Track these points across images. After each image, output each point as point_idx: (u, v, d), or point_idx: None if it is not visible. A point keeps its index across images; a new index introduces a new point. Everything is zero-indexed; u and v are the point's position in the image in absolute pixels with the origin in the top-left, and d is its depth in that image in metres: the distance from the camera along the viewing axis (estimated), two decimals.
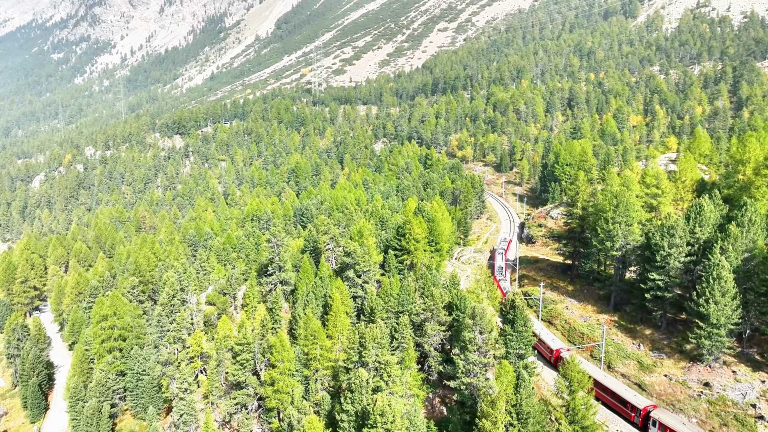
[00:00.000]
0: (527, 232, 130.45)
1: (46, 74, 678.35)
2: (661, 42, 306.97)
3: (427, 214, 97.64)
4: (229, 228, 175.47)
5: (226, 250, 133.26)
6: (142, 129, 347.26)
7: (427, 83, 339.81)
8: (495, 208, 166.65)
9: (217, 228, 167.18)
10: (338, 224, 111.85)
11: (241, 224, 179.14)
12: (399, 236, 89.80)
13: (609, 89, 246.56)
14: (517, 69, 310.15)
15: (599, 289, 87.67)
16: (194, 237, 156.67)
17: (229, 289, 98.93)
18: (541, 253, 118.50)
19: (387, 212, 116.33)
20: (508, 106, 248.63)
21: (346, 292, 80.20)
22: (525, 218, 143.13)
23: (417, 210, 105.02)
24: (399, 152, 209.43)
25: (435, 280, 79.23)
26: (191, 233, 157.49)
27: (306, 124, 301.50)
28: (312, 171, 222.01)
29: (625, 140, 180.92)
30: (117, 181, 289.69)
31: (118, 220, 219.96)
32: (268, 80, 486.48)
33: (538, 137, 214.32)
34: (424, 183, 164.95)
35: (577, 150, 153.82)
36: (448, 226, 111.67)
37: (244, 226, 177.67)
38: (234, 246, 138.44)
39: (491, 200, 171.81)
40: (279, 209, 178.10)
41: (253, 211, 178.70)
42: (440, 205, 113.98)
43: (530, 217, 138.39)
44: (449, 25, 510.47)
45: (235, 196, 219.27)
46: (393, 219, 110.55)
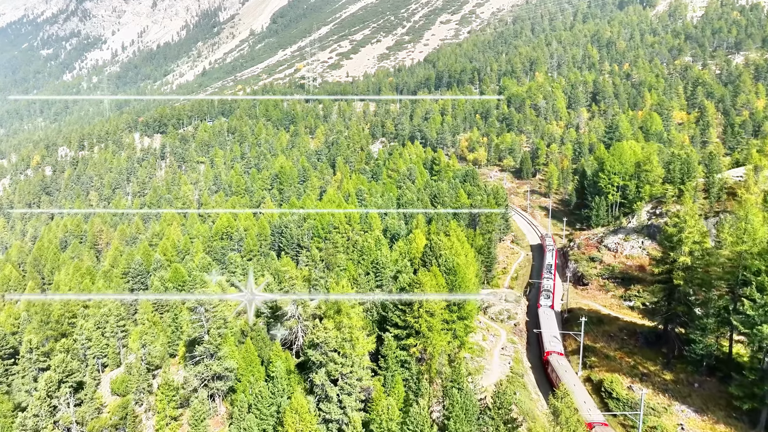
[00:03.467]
0: (574, 266, 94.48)
1: (34, 71, 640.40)
2: (690, 30, 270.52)
3: (446, 261, 61.73)
4: (193, 250, 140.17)
5: (169, 290, 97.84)
6: (121, 127, 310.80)
7: (430, 77, 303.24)
8: (521, 226, 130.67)
9: (171, 254, 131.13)
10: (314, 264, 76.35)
11: (209, 244, 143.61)
12: (402, 307, 53.80)
13: (639, 81, 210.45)
14: (530, 61, 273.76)
15: (735, 397, 51.64)
16: (140, 267, 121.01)
17: (135, 378, 63.19)
18: (602, 303, 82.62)
19: (384, 248, 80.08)
20: (524, 101, 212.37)
21: (309, 417, 44.56)
22: (567, 244, 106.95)
23: (428, 248, 69.19)
24: (400, 155, 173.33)
25: (466, 399, 43.49)
26: (137, 261, 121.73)
27: (296, 122, 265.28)
28: (299, 177, 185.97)
29: (674, 141, 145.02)
30: (85, 186, 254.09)
31: (73, 235, 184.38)
32: (260, 76, 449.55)
33: (563, 137, 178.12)
34: (431, 195, 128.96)
35: (627, 154, 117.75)
36: (473, 268, 75.98)
37: (212, 247, 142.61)
38: (183, 283, 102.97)
39: (515, 216, 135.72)
40: (254, 226, 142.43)
41: (223, 228, 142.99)
42: (460, 239, 77.78)
43: (574, 244, 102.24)
44: (452, 18, 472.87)
45: (209, 206, 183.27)
46: (393, 259, 74.67)
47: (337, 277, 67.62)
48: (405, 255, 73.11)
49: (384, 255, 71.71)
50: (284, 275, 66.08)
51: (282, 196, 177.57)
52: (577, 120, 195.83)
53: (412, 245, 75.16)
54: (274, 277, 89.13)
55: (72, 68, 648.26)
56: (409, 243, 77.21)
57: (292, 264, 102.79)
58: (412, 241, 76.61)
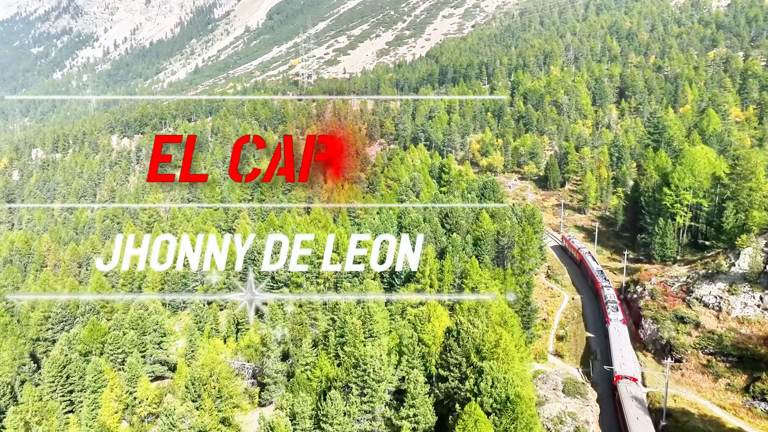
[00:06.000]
0: (653, 328, 64.64)
1: (23, 69, 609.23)
2: (720, 19, 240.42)
3: (494, 385, 31.91)
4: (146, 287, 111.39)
5: (74, 360, 68.20)
6: (98, 127, 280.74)
7: (434, 72, 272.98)
8: (556, 255, 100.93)
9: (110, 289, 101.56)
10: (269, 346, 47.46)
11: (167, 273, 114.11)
12: None
13: (675, 74, 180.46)
14: (543, 53, 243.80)
15: None
16: (64, 311, 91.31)
17: None
18: (712, 398, 52.98)
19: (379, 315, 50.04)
20: (542, 96, 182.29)
21: None
22: (632, 288, 76.70)
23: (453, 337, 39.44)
24: (401, 161, 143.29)
25: None
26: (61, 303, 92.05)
27: (286, 122, 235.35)
28: (282, 187, 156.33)
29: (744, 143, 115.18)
30: (51, 193, 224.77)
31: (20, 253, 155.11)
32: (253, 73, 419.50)
33: (594, 138, 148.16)
34: (441, 216, 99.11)
35: (701, 164, 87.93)
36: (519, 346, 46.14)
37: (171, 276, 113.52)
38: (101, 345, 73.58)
39: (546, 238, 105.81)
40: (219, 248, 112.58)
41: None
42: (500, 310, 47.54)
43: (644, 289, 72.18)
44: (455, 11, 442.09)
45: (176, 220, 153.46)
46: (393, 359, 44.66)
47: (299, 388, 37.86)
48: (416, 348, 43.49)
49: (378, 357, 41.64)
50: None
51: (261, 210, 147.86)
52: (607, 118, 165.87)
53: (425, 326, 45.99)
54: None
55: (62, 66, 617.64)
56: (420, 321, 47.56)
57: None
58: (425, 316, 47.27)
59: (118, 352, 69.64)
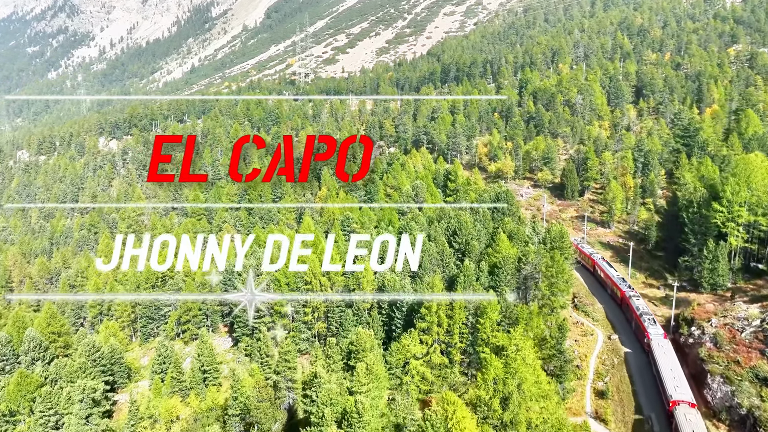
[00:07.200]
0: (725, 390, 50.21)
1: (18, 69, 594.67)
2: (738, 14, 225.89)
3: None
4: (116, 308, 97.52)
5: None
6: (86, 129, 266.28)
7: (435, 71, 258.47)
8: (578, 274, 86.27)
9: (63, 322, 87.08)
10: None
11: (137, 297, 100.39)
12: None
13: (696, 72, 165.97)
14: (551, 51, 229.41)
15: None
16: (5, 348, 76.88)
17: None
18: None
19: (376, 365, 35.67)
20: (554, 96, 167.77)
21: None
22: (685, 330, 62.28)
23: None
24: (402, 166, 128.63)
25: None
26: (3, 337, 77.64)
27: (280, 123, 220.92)
28: (273, 193, 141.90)
29: None
30: (31, 199, 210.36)
31: None
32: (249, 72, 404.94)
33: (618, 142, 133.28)
34: (448, 234, 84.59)
35: (759, 175, 73.50)
36: None
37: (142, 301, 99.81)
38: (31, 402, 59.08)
39: None
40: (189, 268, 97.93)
41: (150, 277, 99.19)
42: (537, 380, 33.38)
43: (704, 334, 57.80)
44: (456, 9, 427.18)
45: (157, 230, 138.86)
46: None
47: None
48: None
49: None
50: None
51: (250, 218, 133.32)
52: (625, 119, 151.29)
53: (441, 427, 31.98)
54: None
55: (57, 66, 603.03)
56: (433, 427, 33.34)
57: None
58: (441, 417, 33.12)
59: (50, 413, 55.25)
